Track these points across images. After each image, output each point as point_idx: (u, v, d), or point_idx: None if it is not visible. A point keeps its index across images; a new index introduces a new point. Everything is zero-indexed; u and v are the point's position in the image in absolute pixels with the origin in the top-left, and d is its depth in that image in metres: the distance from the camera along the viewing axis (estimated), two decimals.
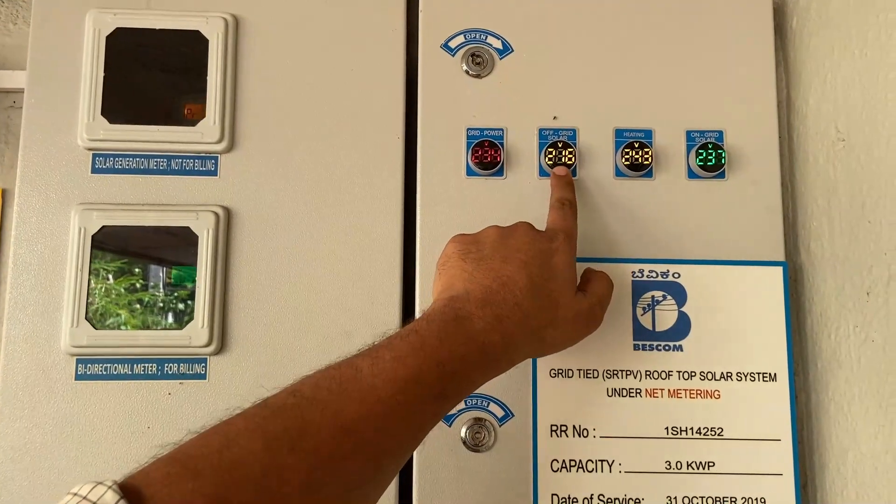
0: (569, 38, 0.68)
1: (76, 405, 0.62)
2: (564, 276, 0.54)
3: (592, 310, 0.56)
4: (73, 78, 0.65)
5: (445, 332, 0.48)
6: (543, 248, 0.55)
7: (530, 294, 0.52)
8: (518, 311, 0.51)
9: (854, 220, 0.60)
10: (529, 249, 0.54)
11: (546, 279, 0.53)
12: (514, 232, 0.56)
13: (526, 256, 0.53)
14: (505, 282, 0.52)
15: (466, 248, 0.54)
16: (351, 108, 0.67)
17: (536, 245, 0.54)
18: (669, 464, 0.62)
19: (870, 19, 0.58)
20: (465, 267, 0.53)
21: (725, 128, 0.67)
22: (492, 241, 0.54)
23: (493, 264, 0.53)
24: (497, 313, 0.50)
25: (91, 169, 0.64)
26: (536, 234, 0.56)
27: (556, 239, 0.56)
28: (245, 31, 0.67)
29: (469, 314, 0.49)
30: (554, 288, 0.53)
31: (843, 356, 0.61)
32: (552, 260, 0.54)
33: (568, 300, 0.54)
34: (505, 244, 0.54)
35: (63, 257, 0.63)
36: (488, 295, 0.51)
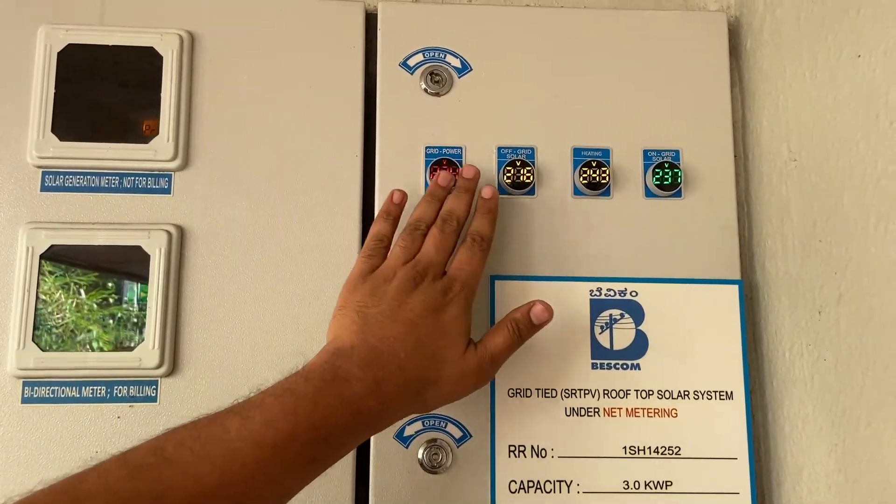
0: (527, 57, 0.69)
1: (22, 429, 0.60)
2: (454, 332, 0.54)
3: (480, 367, 0.55)
4: (23, 94, 0.64)
5: (321, 394, 0.47)
6: (436, 303, 0.54)
7: (415, 355, 0.52)
8: (399, 375, 0.51)
9: (806, 240, 0.60)
10: (423, 308, 0.54)
11: (434, 338, 0.53)
12: (414, 287, 0.55)
13: (416, 316, 0.53)
14: (391, 343, 0.52)
15: (364, 300, 0.54)
16: (308, 126, 0.66)
17: (430, 301, 0.54)
18: (627, 483, 0.62)
19: (819, 41, 0.59)
20: (356, 320, 0.53)
21: (682, 147, 0.67)
22: (389, 298, 0.54)
23: (384, 323, 0.53)
24: (377, 376, 0.50)
25: (40, 187, 0.63)
26: (432, 288, 0.55)
27: (451, 290, 0.56)
28: (200, 47, 0.66)
29: (349, 375, 0.49)
30: (442, 345, 0.53)
31: (797, 374, 0.61)
32: (443, 316, 0.54)
33: (454, 357, 0.54)
34: (401, 302, 0.54)
35: (10, 278, 0.61)
36: (372, 356, 0.51)
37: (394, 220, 0.61)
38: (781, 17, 0.65)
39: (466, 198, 0.62)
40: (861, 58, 0.54)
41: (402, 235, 0.59)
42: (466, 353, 0.54)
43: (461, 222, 0.60)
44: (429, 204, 0.61)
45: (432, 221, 0.60)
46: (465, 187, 0.62)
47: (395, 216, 0.61)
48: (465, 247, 0.59)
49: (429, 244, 0.58)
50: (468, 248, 0.59)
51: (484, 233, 0.60)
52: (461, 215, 0.60)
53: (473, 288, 0.57)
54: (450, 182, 0.63)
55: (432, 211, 0.61)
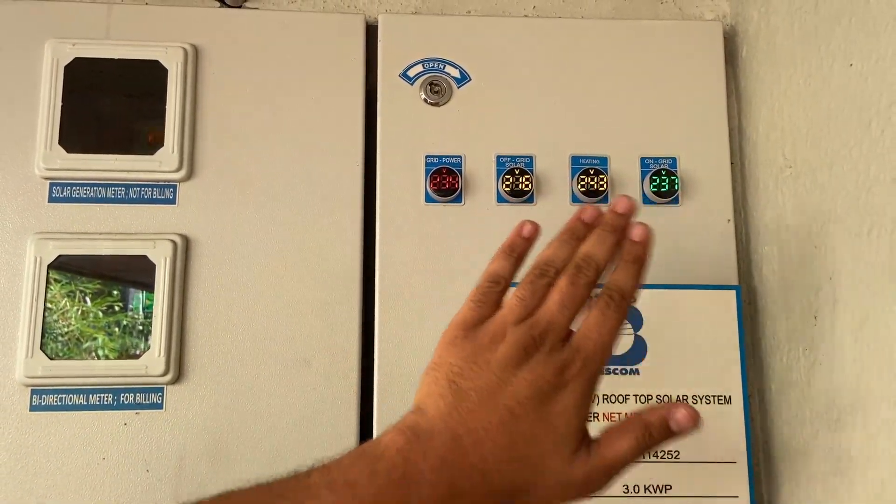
0: (525, 67, 0.70)
1: (31, 436, 0.61)
2: (562, 430, 0.42)
3: (590, 477, 0.43)
4: (31, 107, 0.65)
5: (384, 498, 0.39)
6: (547, 386, 0.42)
7: (505, 460, 0.41)
8: (481, 485, 0.41)
9: (802, 245, 0.61)
10: (529, 392, 0.42)
11: (534, 436, 0.42)
12: (525, 358, 0.43)
13: (517, 405, 0.42)
14: (480, 438, 0.41)
15: (461, 366, 0.43)
16: (310, 136, 0.67)
17: (540, 382, 0.42)
18: (627, 488, 0.62)
19: (813, 50, 0.60)
20: (445, 392, 0.43)
21: (679, 154, 0.68)
22: (491, 371, 0.43)
23: (477, 407, 0.42)
24: (453, 482, 0.40)
25: (48, 198, 0.64)
26: (547, 364, 0.43)
27: (570, 368, 0.43)
28: (204, 60, 0.68)
29: (420, 478, 0.40)
30: (543, 449, 0.42)
31: (794, 379, 0.62)
32: (553, 405, 0.42)
33: (557, 465, 0.42)
34: (504, 380, 0.42)
35: (19, 287, 0.62)
36: (453, 454, 0.41)
37: (517, 257, 0.48)
38: (776, 26, 0.65)
39: (612, 240, 0.48)
40: (853, 66, 0.55)
41: (523, 282, 0.46)
42: (575, 459, 0.42)
43: (600, 272, 0.47)
44: (563, 244, 0.48)
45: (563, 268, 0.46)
46: (614, 226, 0.48)
47: (519, 253, 0.49)
48: (598, 307, 0.45)
49: (553, 299, 0.45)
50: (601, 308, 0.45)
51: (625, 289, 0.46)
52: (601, 262, 0.47)
53: (600, 365, 0.45)
54: (596, 219, 0.49)
55: (566, 253, 0.47)
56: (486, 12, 0.75)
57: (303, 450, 0.62)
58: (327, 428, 0.62)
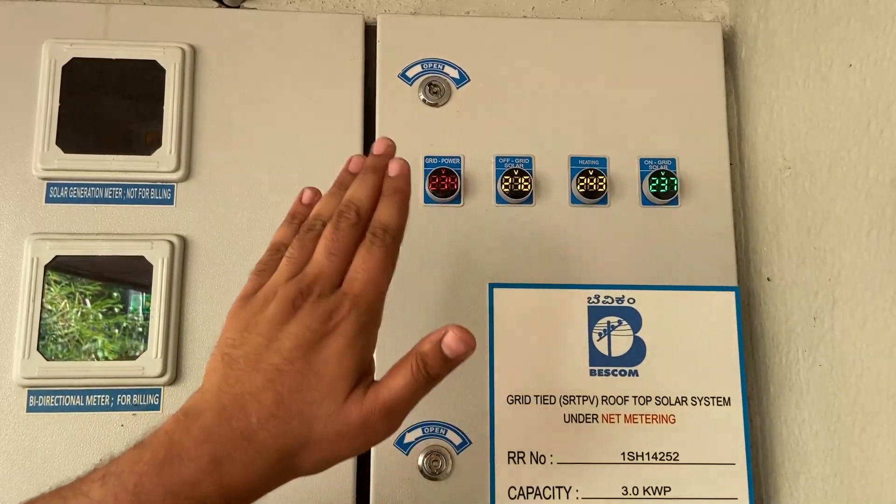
0: (524, 67, 0.69)
1: (28, 437, 0.61)
2: (331, 375, 0.41)
3: (368, 422, 0.41)
4: (29, 107, 0.65)
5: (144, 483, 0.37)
6: (312, 337, 0.41)
7: (271, 418, 0.40)
8: (248, 449, 0.39)
9: (801, 246, 0.61)
10: (293, 345, 0.41)
11: (300, 389, 0.41)
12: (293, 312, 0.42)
13: (282, 359, 0.41)
14: (244, 402, 0.40)
15: (234, 336, 0.43)
16: (309, 137, 0.67)
17: (306, 333, 0.41)
18: (626, 489, 0.62)
19: (811, 51, 0.60)
20: (218, 365, 0.42)
21: (678, 155, 0.68)
22: (258, 333, 0.42)
23: (244, 373, 0.41)
24: (216, 453, 0.39)
25: (45, 198, 0.64)
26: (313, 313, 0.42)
27: (338, 312, 0.42)
28: (202, 60, 0.67)
29: (181, 453, 0.38)
30: (311, 398, 0.41)
31: (794, 380, 0.62)
32: (320, 353, 0.41)
33: (329, 412, 0.41)
34: (271, 338, 0.42)
35: (16, 288, 0.62)
36: (217, 423, 0.40)
37: (299, 224, 0.48)
38: (775, 27, 0.65)
39: (373, 181, 0.47)
40: (852, 67, 0.55)
41: (293, 241, 0.46)
42: (347, 403, 0.41)
43: (363, 213, 0.45)
44: (331, 196, 0.48)
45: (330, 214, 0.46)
46: (374, 167, 0.48)
47: (300, 220, 0.48)
48: (363, 245, 0.44)
49: (319, 249, 0.44)
50: (366, 246, 0.44)
51: (388, 223, 0.45)
52: (363, 205, 0.46)
53: (371, 302, 0.43)
54: (361, 167, 0.49)
55: (333, 204, 0.47)
56: (485, 13, 0.75)
57: None
58: None
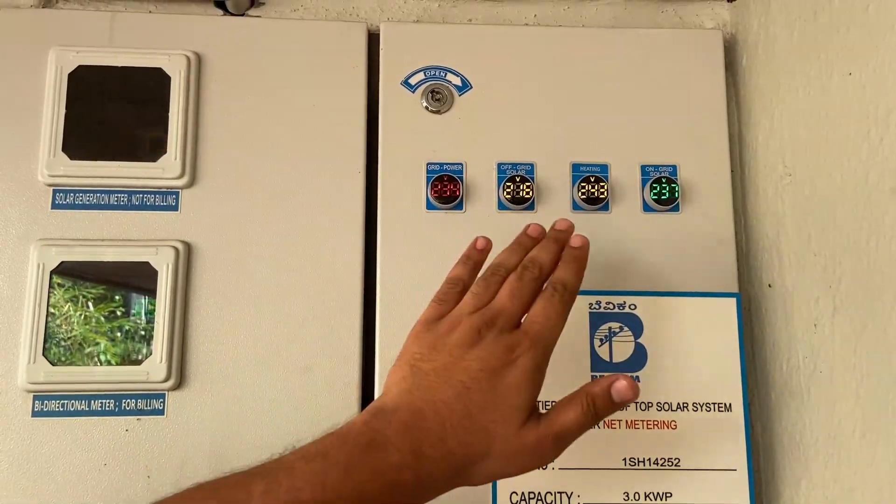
0: (526, 75, 0.70)
1: (33, 442, 0.61)
2: (511, 402, 0.47)
3: (540, 446, 0.48)
4: (35, 114, 0.65)
5: (354, 461, 0.44)
6: (497, 363, 0.48)
7: (461, 427, 0.46)
8: (441, 448, 0.46)
9: (801, 253, 0.61)
10: (480, 368, 0.48)
11: (486, 407, 0.47)
12: (478, 340, 0.49)
13: (470, 379, 0.48)
14: (438, 408, 0.47)
15: (421, 352, 0.50)
16: (312, 144, 0.68)
17: (490, 359, 0.48)
18: (627, 495, 0.62)
19: (811, 58, 0.60)
20: (407, 375, 0.49)
21: (679, 162, 0.69)
22: (447, 352, 0.49)
23: (435, 382, 0.48)
24: (416, 447, 0.45)
25: (51, 205, 0.65)
26: (497, 344, 0.49)
27: (519, 347, 0.49)
28: (207, 68, 0.68)
29: (385, 442, 0.45)
30: (494, 418, 0.47)
31: (794, 387, 0.62)
32: (503, 380, 0.48)
33: (508, 433, 0.47)
34: (458, 358, 0.48)
35: (22, 293, 0.63)
36: (414, 421, 0.46)
37: (474, 265, 0.56)
38: (775, 34, 0.66)
39: (554, 248, 0.55)
40: (852, 75, 0.55)
41: (478, 280, 0.53)
42: (525, 428, 0.47)
43: (544, 272, 0.54)
44: (513, 252, 0.56)
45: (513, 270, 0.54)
46: (556, 238, 0.57)
47: (475, 262, 0.56)
48: (544, 296, 0.52)
49: (503, 291, 0.52)
50: (546, 297, 0.52)
51: (567, 281, 0.53)
52: (545, 264, 0.54)
53: (548, 345, 0.50)
54: (540, 234, 0.57)
55: (515, 259, 0.55)
56: (487, 21, 0.75)
57: None
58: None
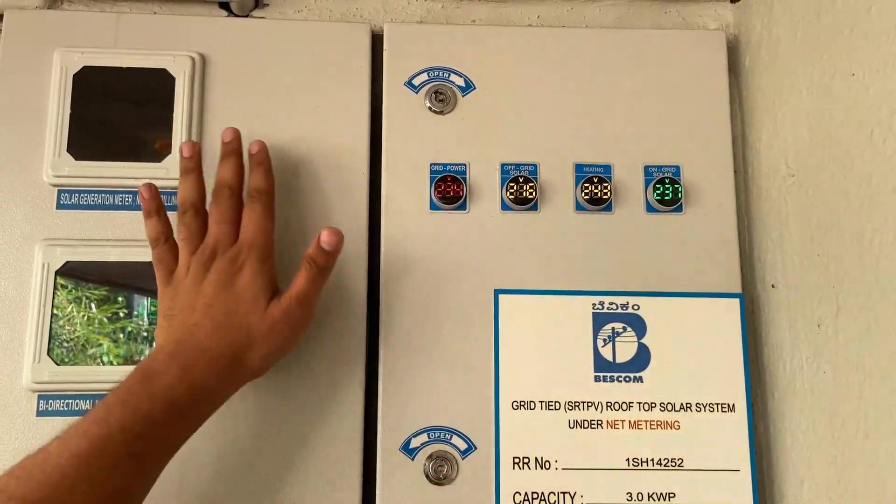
0: (530, 75, 0.70)
1: (37, 441, 0.60)
2: (250, 294, 0.56)
3: (288, 313, 0.57)
4: (40, 115, 0.65)
5: (130, 394, 0.51)
6: (226, 276, 0.57)
7: (215, 333, 0.55)
8: (205, 357, 0.54)
9: (804, 254, 0.61)
10: (214, 287, 0.56)
11: (230, 311, 0.56)
12: (205, 274, 0.57)
13: (209, 298, 0.56)
14: (192, 331, 0.55)
15: (168, 304, 0.57)
16: (316, 144, 0.68)
17: (220, 277, 0.57)
18: (631, 495, 0.62)
19: (814, 60, 0.60)
20: (163, 325, 0.57)
21: (682, 163, 0.69)
22: (185, 292, 0.57)
23: (183, 318, 0.56)
24: (183, 364, 0.53)
25: (56, 205, 0.65)
26: (221, 263, 0.57)
27: (239, 257, 0.57)
28: (211, 69, 0.68)
29: (155, 372, 0.53)
30: (242, 312, 0.56)
31: (798, 387, 0.62)
32: (236, 285, 0.57)
33: (257, 318, 0.56)
34: (196, 291, 0.56)
35: (27, 293, 0.63)
36: (176, 348, 0.54)
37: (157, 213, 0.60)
38: (778, 35, 0.66)
39: (232, 162, 0.61)
40: (855, 76, 0.55)
41: (178, 226, 0.59)
42: (269, 307, 0.56)
43: (234, 187, 0.60)
44: (184, 181, 0.61)
45: (198, 198, 0.60)
46: (228, 152, 0.62)
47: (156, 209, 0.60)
48: (246, 207, 0.60)
49: (210, 223, 0.59)
50: (248, 207, 0.60)
51: (259, 186, 0.60)
52: (231, 180, 0.60)
53: (263, 244, 0.58)
54: (192, 150, 0.61)
55: (191, 187, 0.60)
56: (490, 21, 0.75)
57: (307, 457, 0.62)
58: (333, 433, 0.63)
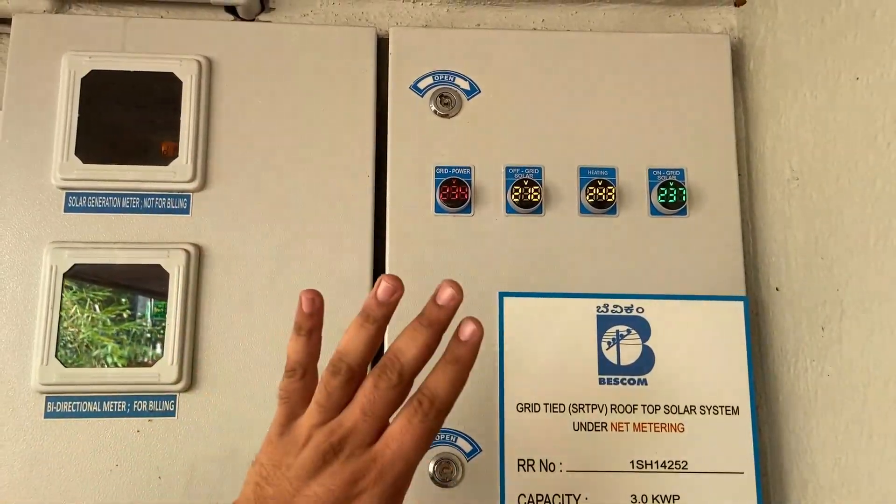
0: (534, 79, 0.70)
1: (45, 443, 0.62)
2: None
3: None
4: (48, 118, 0.66)
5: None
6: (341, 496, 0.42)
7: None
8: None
9: (808, 257, 0.61)
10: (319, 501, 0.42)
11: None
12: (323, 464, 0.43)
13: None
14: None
15: (268, 470, 0.44)
16: (322, 148, 0.68)
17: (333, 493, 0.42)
18: (635, 497, 0.62)
19: (819, 63, 0.60)
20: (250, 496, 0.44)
21: (686, 166, 0.69)
22: (290, 477, 0.43)
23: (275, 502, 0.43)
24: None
25: (64, 208, 0.65)
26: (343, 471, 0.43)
27: (363, 480, 0.42)
28: (218, 72, 0.69)
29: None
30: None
31: (802, 390, 0.62)
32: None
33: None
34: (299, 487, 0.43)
35: (35, 295, 0.63)
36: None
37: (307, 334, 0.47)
38: (783, 39, 0.66)
39: (427, 336, 0.44)
40: (859, 80, 0.55)
41: (320, 384, 0.45)
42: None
43: (408, 373, 0.44)
44: (359, 330, 0.45)
45: (362, 361, 0.44)
46: (431, 320, 0.44)
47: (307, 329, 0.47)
48: (405, 413, 0.44)
49: (355, 403, 0.43)
50: (407, 416, 0.43)
51: (438, 393, 0.43)
52: (411, 363, 0.44)
53: (399, 475, 0.43)
54: (392, 295, 0.44)
55: (362, 341, 0.44)
56: (495, 25, 0.76)
57: None
58: None
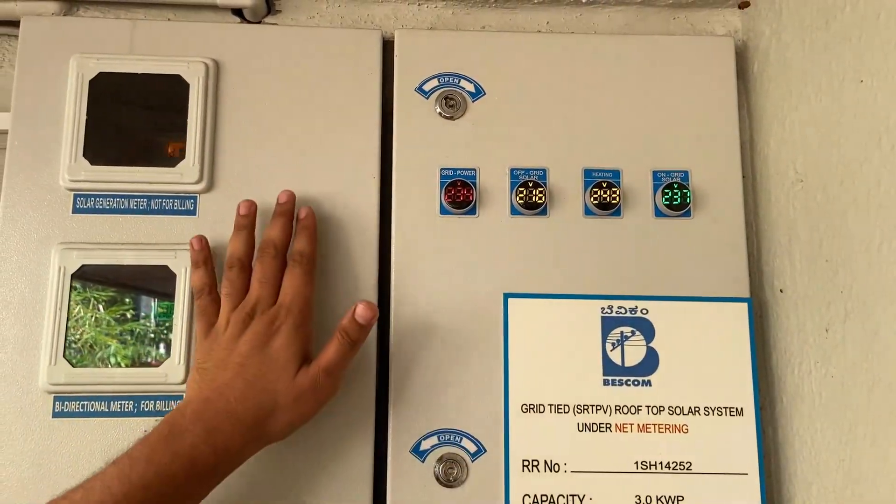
0: (539, 81, 0.71)
1: (53, 442, 0.62)
2: (282, 359, 0.57)
3: (315, 384, 0.57)
4: (56, 120, 0.66)
5: (154, 452, 0.52)
6: (262, 338, 0.57)
7: (244, 396, 0.55)
8: (231, 419, 0.54)
9: (812, 258, 0.62)
10: (249, 348, 0.56)
11: (261, 374, 0.56)
12: (242, 332, 0.57)
13: (243, 358, 0.56)
14: (222, 391, 0.55)
15: (202, 357, 0.58)
16: (327, 150, 0.69)
17: (256, 338, 0.57)
18: (639, 498, 0.63)
19: (823, 66, 0.60)
20: (195, 377, 0.57)
21: (691, 168, 0.69)
22: (221, 348, 0.57)
23: (217, 373, 0.56)
24: (209, 426, 0.53)
25: (72, 209, 0.66)
26: (259, 324, 0.57)
27: (277, 319, 0.58)
28: (225, 74, 0.69)
29: (182, 430, 0.53)
30: (271, 378, 0.56)
31: (806, 391, 0.62)
32: (270, 348, 0.57)
33: (285, 385, 0.56)
34: (231, 349, 0.57)
35: (43, 296, 0.64)
36: (203, 407, 0.54)
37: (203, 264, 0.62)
38: (787, 42, 0.66)
39: (281, 222, 0.63)
40: (864, 82, 0.55)
41: (224, 281, 0.60)
42: (297, 376, 0.57)
43: (279, 247, 0.61)
44: (236, 237, 0.62)
45: (245, 254, 0.61)
46: (280, 212, 0.64)
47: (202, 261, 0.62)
48: (288, 270, 0.61)
49: (253, 280, 0.60)
50: (290, 269, 0.60)
51: (303, 250, 0.61)
52: (277, 240, 0.62)
53: (301, 308, 0.59)
54: (249, 209, 0.63)
55: (241, 243, 0.62)
56: (500, 28, 0.76)
57: (319, 457, 0.63)
58: (344, 435, 0.63)
